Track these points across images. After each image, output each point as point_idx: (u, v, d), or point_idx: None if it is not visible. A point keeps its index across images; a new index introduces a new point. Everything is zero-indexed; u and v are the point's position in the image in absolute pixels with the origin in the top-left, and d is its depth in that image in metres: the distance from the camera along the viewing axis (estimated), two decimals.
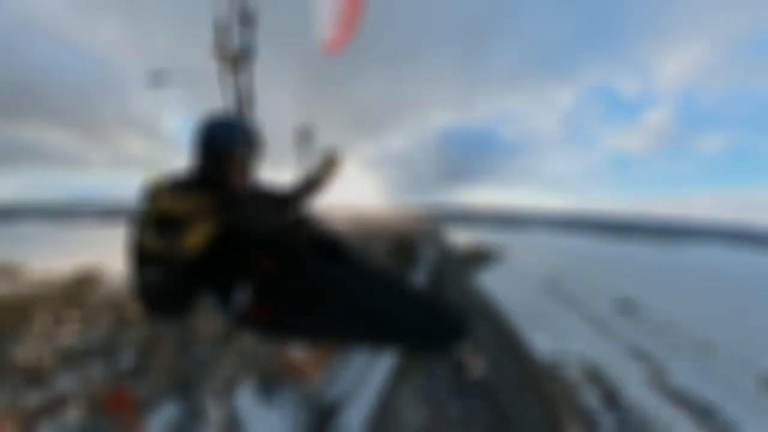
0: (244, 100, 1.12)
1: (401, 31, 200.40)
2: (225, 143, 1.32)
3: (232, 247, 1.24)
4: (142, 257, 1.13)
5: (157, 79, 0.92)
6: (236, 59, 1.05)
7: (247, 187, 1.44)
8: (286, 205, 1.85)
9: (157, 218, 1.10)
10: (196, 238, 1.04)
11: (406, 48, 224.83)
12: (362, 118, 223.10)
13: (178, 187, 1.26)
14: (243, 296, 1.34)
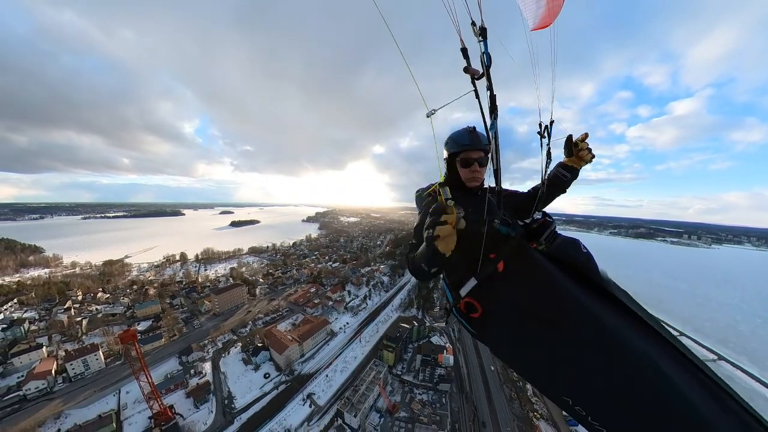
0: (487, 107, 1.18)
1: (407, 25, 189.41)
2: (452, 144, 1.55)
3: (470, 240, 1.22)
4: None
5: (432, 111, 1.19)
6: (483, 72, 1.15)
7: (482, 187, 1.51)
8: (529, 204, 1.74)
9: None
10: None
11: (413, 43, 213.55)
12: (373, 118, 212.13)
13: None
14: (467, 287, 1.32)
